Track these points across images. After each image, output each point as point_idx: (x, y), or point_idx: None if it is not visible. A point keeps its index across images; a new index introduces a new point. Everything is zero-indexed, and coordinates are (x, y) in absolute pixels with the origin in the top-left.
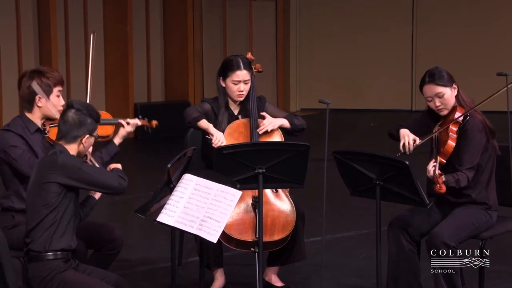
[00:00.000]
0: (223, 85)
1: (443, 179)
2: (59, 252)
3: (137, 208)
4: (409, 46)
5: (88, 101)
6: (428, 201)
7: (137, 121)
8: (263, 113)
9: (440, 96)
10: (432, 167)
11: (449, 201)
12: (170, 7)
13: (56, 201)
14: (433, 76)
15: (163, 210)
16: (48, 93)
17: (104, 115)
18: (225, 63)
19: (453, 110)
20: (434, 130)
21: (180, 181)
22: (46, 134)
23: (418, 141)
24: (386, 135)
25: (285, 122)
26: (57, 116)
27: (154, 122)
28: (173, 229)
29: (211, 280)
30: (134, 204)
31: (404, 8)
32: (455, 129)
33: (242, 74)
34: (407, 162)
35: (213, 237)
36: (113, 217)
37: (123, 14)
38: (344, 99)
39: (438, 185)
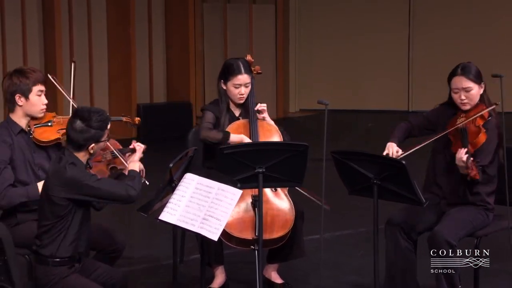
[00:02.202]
0: (224, 88)
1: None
2: (66, 259)
3: (140, 206)
4: (406, 47)
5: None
6: (424, 200)
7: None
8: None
9: (467, 90)
10: (464, 155)
11: (447, 202)
12: (171, 9)
13: (64, 212)
14: (465, 70)
15: (165, 209)
16: (27, 92)
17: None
18: (226, 67)
19: (476, 106)
20: (458, 122)
21: (181, 180)
22: (31, 134)
23: (400, 152)
24: (383, 135)
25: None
26: (40, 115)
27: (137, 119)
28: (175, 227)
29: (212, 277)
30: (136, 203)
31: (401, 10)
32: (482, 122)
33: (243, 78)
34: (404, 162)
35: (214, 235)
36: (116, 215)
37: (126, 17)
38: (342, 99)
39: (473, 172)
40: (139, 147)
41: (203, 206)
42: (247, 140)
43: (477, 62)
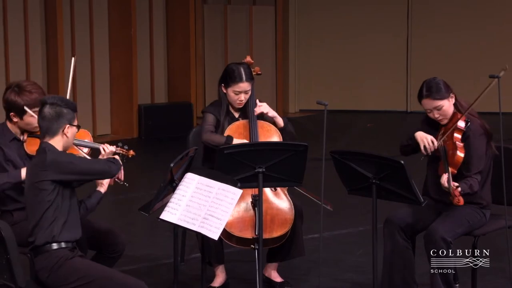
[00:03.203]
0: (225, 91)
1: (460, 190)
2: (63, 243)
3: (141, 206)
4: (404, 49)
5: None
6: (422, 199)
7: (113, 149)
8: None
9: (438, 109)
10: (446, 180)
11: (444, 201)
12: (173, 11)
13: (51, 198)
14: (430, 90)
15: (166, 208)
16: (21, 113)
17: (86, 135)
18: (228, 73)
19: (453, 116)
20: (438, 139)
21: (182, 180)
22: (23, 143)
23: (435, 142)
24: (381, 135)
25: (280, 119)
26: (33, 130)
27: (131, 153)
28: (175, 226)
29: (213, 276)
30: (138, 202)
31: (399, 11)
32: (459, 136)
33: (244, 86)
34: (402, 162)
35: (215, 234)
36: (118, 214)
37: (128, 19)
38: (341, 100)
39: (456, 198)
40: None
41: (203, 205)
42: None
43: (474, 63)
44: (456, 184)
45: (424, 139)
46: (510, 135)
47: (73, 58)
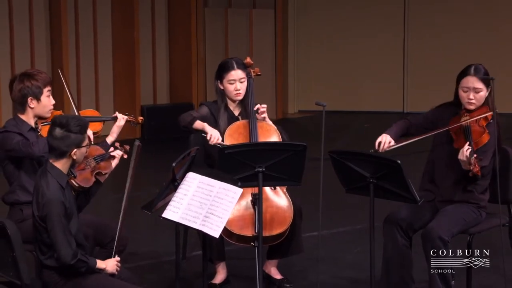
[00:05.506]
0: (221, 87)
1: (478, 160)
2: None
3: (144, 204)
4: (401, 50)
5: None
6: (419, 198)
7: (126, 117)
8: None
9: (477, 91)
10: (467, 150)
11: (441, 199)
12: (174, 14)
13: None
14: (478, 72)
15: (168, 207)
16: (39, 94)
17: (93, 113)
18: (220, 66)
19: (480, 107)
20: (462, 120)
21: (184, 179)
22: (38, 132)
23: (392, 143)
24: (379, 135)
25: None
26: (48, 115)
27: (140, 118)
28: (177, 224)
29: (214, 273)
30: (141, 201)
31: (396, 14)
32: (485, 123)
33: (237, 73)
34: (399, 161)
35: (216, 232)
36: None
37: (130, 21)
38: (339, 101)
39: (476, 169)
40: (118, 154)
41: (204, 204)
42: (208, 128)
43: (468, 64)
44: (477, 156)
45: (384, 137)
46: (506, 135)
47: (59, 70)
